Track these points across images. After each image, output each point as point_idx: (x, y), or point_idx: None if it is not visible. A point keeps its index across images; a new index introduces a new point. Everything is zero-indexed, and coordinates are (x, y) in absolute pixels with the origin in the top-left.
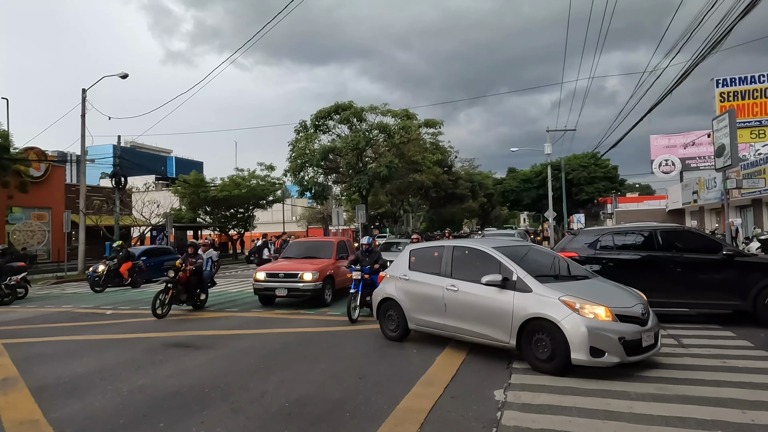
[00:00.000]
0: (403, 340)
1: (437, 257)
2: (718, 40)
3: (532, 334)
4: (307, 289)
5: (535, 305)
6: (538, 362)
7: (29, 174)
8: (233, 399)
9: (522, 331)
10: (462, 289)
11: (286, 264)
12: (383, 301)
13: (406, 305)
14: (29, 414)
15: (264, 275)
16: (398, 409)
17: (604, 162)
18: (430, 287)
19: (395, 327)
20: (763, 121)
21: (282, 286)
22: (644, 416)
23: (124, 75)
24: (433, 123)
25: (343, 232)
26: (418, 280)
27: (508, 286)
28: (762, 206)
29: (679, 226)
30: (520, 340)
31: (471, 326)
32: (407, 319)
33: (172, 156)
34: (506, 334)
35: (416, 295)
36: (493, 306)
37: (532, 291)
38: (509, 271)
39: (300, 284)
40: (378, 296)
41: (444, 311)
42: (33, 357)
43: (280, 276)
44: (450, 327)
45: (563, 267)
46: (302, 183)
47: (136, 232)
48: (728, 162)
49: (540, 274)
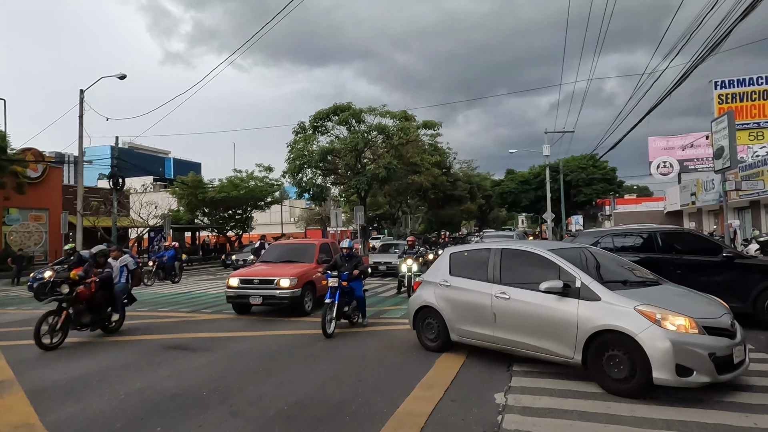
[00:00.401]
0: (445, 351)
1: (482, 261)
2: (717, 42)
3: (602, 349)
4: (284, 297)
5: (605, 316)
6: (613, 382)
7: (26, 175)
8: (231, 402)
9: (589, 346)
10: (514, 296)
11: (261, 269)
12: (421, 309)
13: (448, 314)
14: (25, 418)
15: (237, 281)
16: (398, 412)
17: (602, 164)
18: (475, 295)
19: (435, 337)
20: (762, 123)
21: (257, 293)
22: (645, 420)
23: (122, 76)
24: (431, 124)
25: (341, 234)
26: (461, 286)
27: (570, 294)
28: (760, 208)
29: (678, 227)
30: (587, 355)
31: (526, 339)
32: (449, 330)
33: (170, 157)
34: (569, 349)
35: (460, 303)
36: (553, 316)
37: (601, 299)
38: (571, 276)
39: (276, 291)
40: (415, 303)
41: (493, 322)
42: (29, 359)
43: (254, 282)
44: (500, 339)
45: (628, 270)
46: (300, 184)
47: (133, 233)
48: (727, 164)
49: (606, 279)
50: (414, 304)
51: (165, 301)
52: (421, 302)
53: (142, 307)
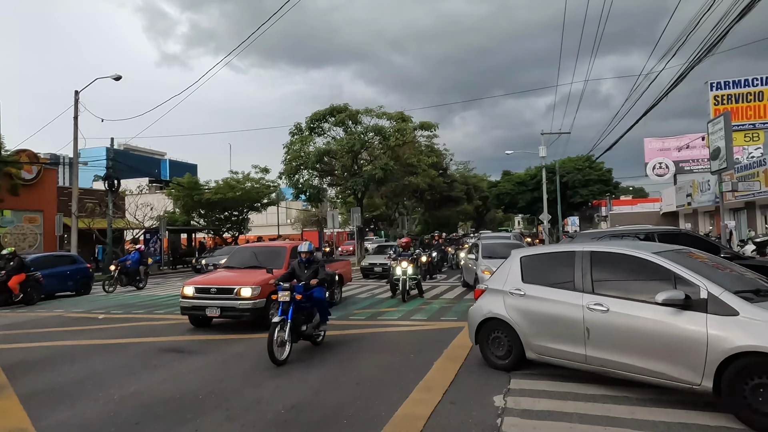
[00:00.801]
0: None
1: (566, 267)
2: (714, 43)
3: (744, 376)
4: (246, 309)
5: (747, 335)
6: (763, 418)
7: (21, 176)
8: (227, 406)
9: (723, 371)
10: (614, 309)
11: (221, 276)
12: (486, 322)
13: (524, 328)
14: (18, 422)
15: (192, 290)
16: (396, 415)
17: (598, 165)
18: (560, 306)
19: (505, 353)
20: (757, 124)
21: (214, 304)
22: (646, 422)
23: (118, 77)
24: (428, 126)
25: (338, 235)
26: (541, 296)
27: (694, 307)
28: (755, 209)
29: (675, 228)
30: (720, 382)
31: (632, 360)
32: (524, 346)
33: (166, 159)
34: (695, 373)
35: (539, 316)
36: (671, 334)
37: (739, 314)
38: (693, 285)
39: (236, 302)
40: (478, 315)
41: (586, 338)
42: (23, 363)
43: (211, 292)
44: (595, 359)
45: (752, 277)
46: (297, 186)
47: (129, 235)
48: (724, 165)
49: (736, 289)
50: (476, 316)
51: (161, 303)
52: (486, 313)
53: (138, 310)
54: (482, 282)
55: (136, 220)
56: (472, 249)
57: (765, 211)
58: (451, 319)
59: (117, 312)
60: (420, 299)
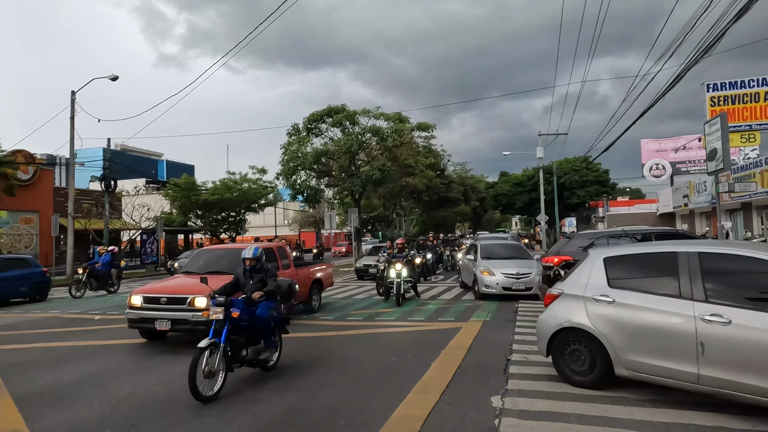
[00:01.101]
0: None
1: (666, 270)
2: (711, 44)
3: None
4: (200, 321)
5: None
6: None
7: (17, 177)
8: (224, 407)
9: None
10: (739, 321)
11: (175, 283)
12: (561, 332)
13: (615, 341)
14: (12, 424)
15: (140, 300)
16: (394, 416)
17: (595, 166)
18: (663, 316)
19: (587, 369)
20: (753, 125)
21: (163, 316)
22: (644, 422)
23: (114, 77)
24: (425, 126)
25: (335, 236)
26: (636, 304)
27: None
28: (752, 210)
29: (672, 229)
30: None
31: (765, 383)
32: (613, 361)
33: (163, 159)
34: None
35: (635, 327)
36: None
37: None
38: None
39: (190, 314)
40: (551, 324)
41: (698, 354)
42: (18, 364)
43: (161, 302)
44: (712, 379)
45: None
46: (294, 186)
47: (126, 236)
48: (720, 166)
49: None
50: (549, 325)
51: None
52: (563, 322)
53: None
54: (484, 285)
55: (132, 221)
56: (471, 250)
57: (761, 212)
58: (449, 319)
59: (113, 313)
60: (417, 300)
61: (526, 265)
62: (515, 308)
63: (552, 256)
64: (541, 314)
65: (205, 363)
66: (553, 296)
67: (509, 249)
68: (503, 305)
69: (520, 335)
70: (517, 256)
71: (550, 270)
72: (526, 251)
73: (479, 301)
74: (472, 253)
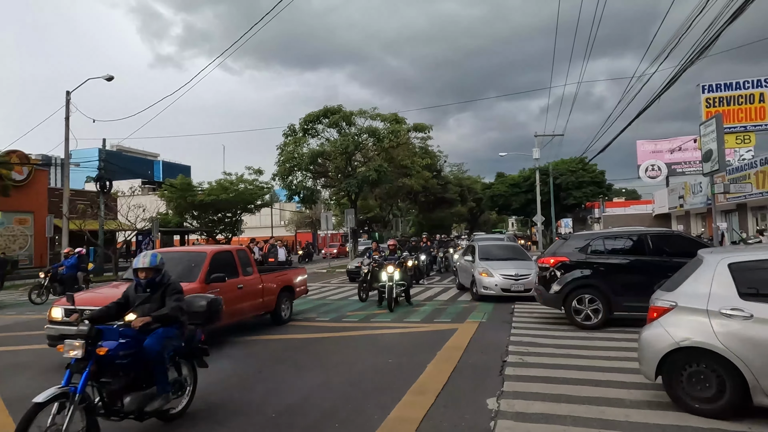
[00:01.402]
0: (732, 418)
1: None
2: (706, 45)
3: None
4: None
5: None
6: None
7: (11, 177)
8: (217, 410)
9: None
10: None
11: (103, 293)
12: (676, 352)
13: (755, 364)
14: (3, 427)
15: (61, 313)
16: (389, 418)
17: (591, 167)
18: None
19: (714, 395)
20: (748, 126)
21: None
22: (640, 425)
23: (110, 77)
24: (422, 127)
25: (332, 236)
26: None
27: None
28: (747, 211)
29: (668, 230)
30: None
31: None
32: (752, 388)
33: (159, 160)
34: None
35: None
36: None
37: None
38: None
39: None
40: (663, 342)
41: None
42: (10, 366)
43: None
44: None
45: None
46: (291, 187)
47: (121, 236)
48: (716, 167)
49: None
50: (660, 343)
51: None
52: (681, 341)
53: None
54: (482, 286)
55: (128, 222)
56: (468, 251)
57: (756, 213)
58: (445, 321)
59: None
60: (408, 305)
61: (525, 266)
62: (511, 309)
63: (548, 257)
64: (646, 330)
65: (49, 424)
66: (663, 309)
67: (507, 250)
68: (499, 306)
69: (516, 336)
70: (515, 257)
71: (546, 271)
72: (524, 252)
73: (475, 303)
74: (469, 254)
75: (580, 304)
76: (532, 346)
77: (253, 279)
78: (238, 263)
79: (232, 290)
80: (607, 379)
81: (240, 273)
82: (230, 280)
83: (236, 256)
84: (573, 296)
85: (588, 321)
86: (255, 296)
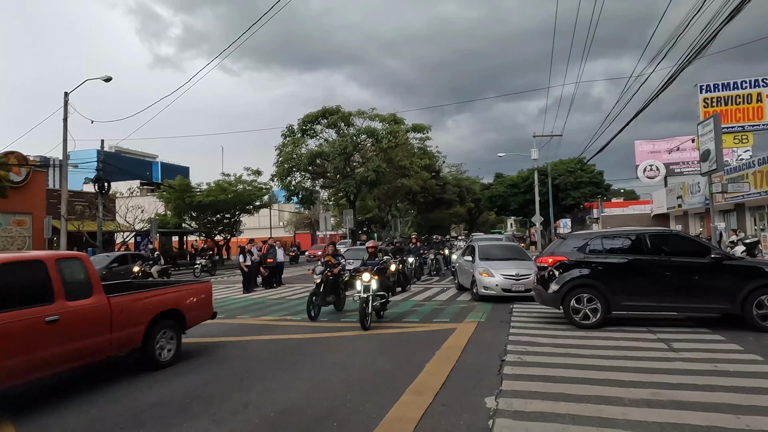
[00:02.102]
0: None
1: None
2: (704, 45)
3: None
4: None
5: None
6: None
7: (9, 179)
8: (215, 410)
9: None
10: None
11: None
12: None
13: None
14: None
15: None
16: (387, 418)
17: (589, 167)
18: None
19: None
20: (746, 126)
21: None
22: (639, 423)
23: (108, 78)
24: (420, 128)
25: (330, 237)
26: None
27: None
28: (744, 210)
29: (666, 229)
30: None
31: None
32: None
33: (158, 161)
34: None
35: None
36: None
37: None
38: None
39: None
40: None
41: None
42: None
43: None
44: None
45: None
46: (289, 188)
47: (119, 237)
48: (714, 166)
49: None
50: None
51: None
52: None
53: None
54: (482, 286)
55: (126, 223)
56: (468, 251)
57: (754, 213)
58: (444, 320)
59: None
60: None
61: (525, 266)
62: (510, 309)
63: (546, 256)
64: None
65: None
66: None
67: (507, 250)
68: (498, 306)
69: (514, 336)
70: (515, 257)
71: (545, 270)
72: (524, 252)
73: (474, 302)
74: (469, 255)
75: (579, 304)
76: (531, 346)
77: (91, 304)
78: (54, 279)
79: (31, 328)
80: (605, 378)
81: (59, 296)
82: (27, 309)
83: (56, 268)
84: (571, 295)
85: (586, 320)
86: (92, 332)
